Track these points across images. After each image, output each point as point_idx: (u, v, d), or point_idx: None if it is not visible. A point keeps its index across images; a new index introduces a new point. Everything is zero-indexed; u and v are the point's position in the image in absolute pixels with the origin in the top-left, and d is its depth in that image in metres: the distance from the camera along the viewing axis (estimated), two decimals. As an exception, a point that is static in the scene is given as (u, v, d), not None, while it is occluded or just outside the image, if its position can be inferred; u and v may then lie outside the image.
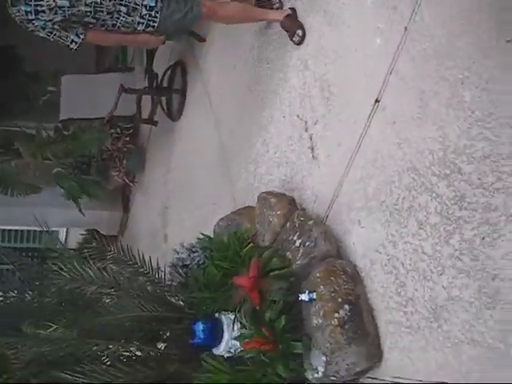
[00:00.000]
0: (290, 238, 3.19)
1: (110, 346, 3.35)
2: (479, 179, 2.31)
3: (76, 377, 3.12)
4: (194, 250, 4.00)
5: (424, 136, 2.61)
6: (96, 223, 7.59)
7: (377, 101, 2.95)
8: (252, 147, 4.25)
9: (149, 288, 3.73)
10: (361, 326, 2.76)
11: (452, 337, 2.39)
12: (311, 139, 3.49)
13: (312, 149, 3.46)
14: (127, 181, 6.88)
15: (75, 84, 5.92)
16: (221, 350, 3.32)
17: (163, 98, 5.97)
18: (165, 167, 6.27)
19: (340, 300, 2.78)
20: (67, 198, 6.48)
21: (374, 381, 2.79)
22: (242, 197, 4.22)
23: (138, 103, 5.68)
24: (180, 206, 5.70)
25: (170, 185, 6.08)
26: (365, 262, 2.91)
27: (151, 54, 5.76)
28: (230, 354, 3.37)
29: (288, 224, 3.28)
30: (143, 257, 3.59)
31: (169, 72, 5.98)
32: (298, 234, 3.15)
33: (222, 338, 3.30)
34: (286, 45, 3.85)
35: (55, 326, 3.36)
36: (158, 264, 3.70)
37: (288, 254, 3.16)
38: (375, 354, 2.74)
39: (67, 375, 3.11)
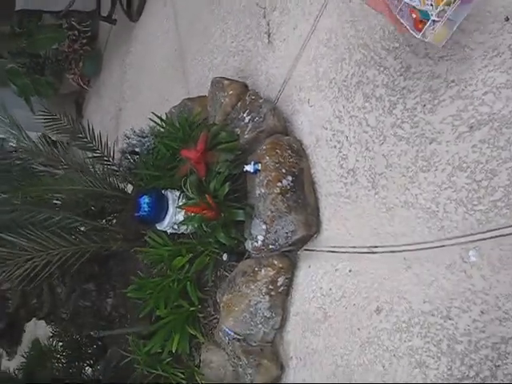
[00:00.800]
0: (240, 116, 3.22)
1: (54, 216, 3.35)
2: (426, 49, 2.36)
3: (19, 240, 3.14)
4: (144, 135, 4.00)
5: (372, 12, 2.63)
6: (49, 127, 7.42)
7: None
8: (209, 38, 4.21)
9: (98, 167, 3.72)
10: (302, 196, 2.84)
11: (388, 202, 2.49)
12: (268, 25, 3.48)
13: (269, 34, 3.46)
14: (82, 84, 6.72)
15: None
16: (165, 224, 3.37)
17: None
18: (121, 69, 6.16)
19: (284, 171, 2.85)
20: (19, 95, 6.30)
21: (312, 252, 2.90)
22: (196, 90, 4.21)
23: (97, -5, 5.50)
24: (134, 107, 5.65)
25: (125, 86, 5.99)
26: (311, 139, 2.98)
27: None
28: (174, 231, 3.43)
29: (239, 104, 3.31)
30: (93, 131, 3.54)
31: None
32: (247, 111, 3.19)
33: (166, 212, 3.35)
34: None
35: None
36: (107, 142, 3.67)
37: (237, 130, 3.19)
38: (313, 224, 2.83)
39: (10, 237, 3.12)
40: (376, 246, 2.54)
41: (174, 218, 3.36)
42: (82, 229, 3.56)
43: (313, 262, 2.89)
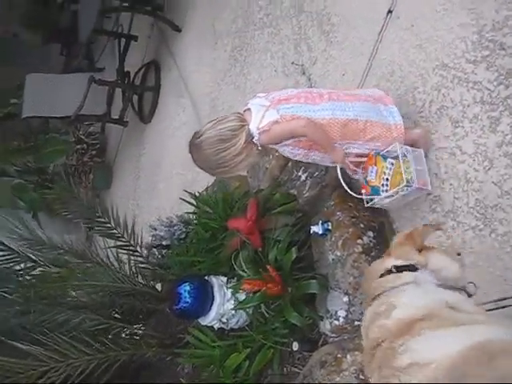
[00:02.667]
0: (294, 176, 2.74)
1: (74, 317, 2.73)
2: (529, 45, 1.92)
3: (31, 347, 2.51)
4: (173, 224, 3.48)
5: (451, 26, 2.25)
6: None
7: (389, 11, 2.59)
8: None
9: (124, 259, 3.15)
10: (388, 254, 2.25)
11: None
12: (310, 80, 3.11)
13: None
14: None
15: (40, 82, 5.43)
16: (211, 317, 2.76)
17: (135, 98, 5.52)
18: (134, 175, 5.77)
19: (362, 226, 2.30)
20: (27, 211, 5.86)
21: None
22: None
23: (108, 98, 5.22)
24: (151, 211, 5.16)
25: (138, 192, 5.56)
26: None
27: (123, 53, 5.37)
28: (222, 325, 2.80)
29: (289, 164, 2.82)
30: (117, 214, 3.01)
31: (142, 71, 5.57)
32: (303, 168, 2.70)
33: (212, 302, 2.75)
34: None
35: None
36: (133, 228, 3.13)
37: (292, 191, 2.67)
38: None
39: (20, 344, 2.50)
40: (505, 298, 1.93)
41: (222, 308, 2.76)
42: (109, 335, 2.91)
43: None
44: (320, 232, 2.41)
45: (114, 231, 3.08)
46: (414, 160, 2.14)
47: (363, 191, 2.19)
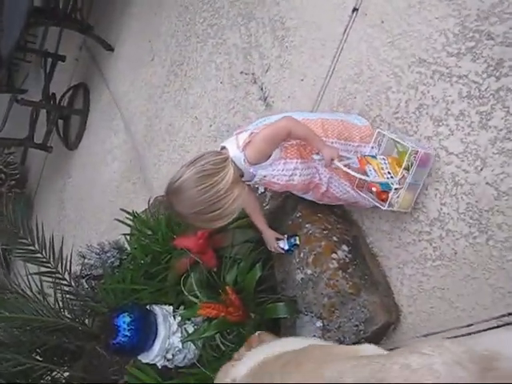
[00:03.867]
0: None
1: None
2: (521, 31, 1.74)
3: None
4: (105, 250, 3.07)
5: (429, 19, 2.04)
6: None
7: (355, 9, 2.38)
8: (177, 133, 3.51)
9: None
10: (367, 271, 1.97)
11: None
12: (262, 89, 2.84)
13: (265, 99, 2.81)
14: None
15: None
16: (153, 354, 2.36)
17: (60, 123, 5.08)
18: (58, 205, 5.27)
19: (335, 239, 2.00)
20: None
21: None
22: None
23: (31, 121, 4.75)
24: (77, 242, 4.67)
25: (63, 223, 5.06)
26: (357, 198, 2.17)
27: (49, 73, 4.95)
28: (167, 362, 2.41)
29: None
30: (42, 235, 2.56)
31: (69, 93, 5.15)
32: (261, 179, 2.37)
33: (155, 335, 2.35)
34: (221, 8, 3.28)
35: None
36: (61, 253, 2.68)
37: (250, 203, 2.34)
38: (391, 307, 1.93)
39: None
40: (510, 314, 1.67)
41: (166, 342, 2.36)
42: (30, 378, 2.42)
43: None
44: (286, 248, 2.09)
45: (39, 255, 2.61)
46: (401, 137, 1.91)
47: (373, 189, 1.90)
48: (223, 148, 1.83)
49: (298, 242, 2.07)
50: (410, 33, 2.12)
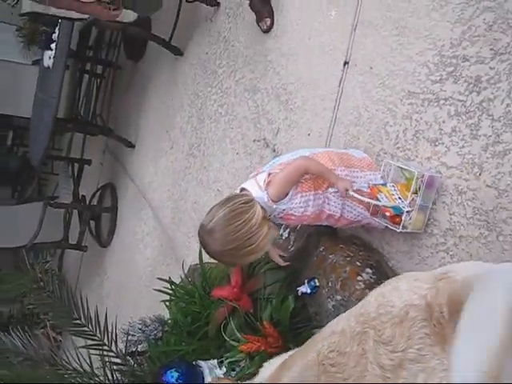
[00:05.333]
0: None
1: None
2: (492, 49, 1.96)
3: None
4: (147, 323, 3.20)
5: (410, 56, 2.29)
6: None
7: (345, 63, 2.65)
8: (202, 209, 3.72)
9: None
10: (392, 288, 2.08)
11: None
12: (274, 150, 3.07)
13: (278, 158, 3.01)
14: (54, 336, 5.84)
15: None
16: (204, 407, 2.42)
17: (92, 223, 5.36)
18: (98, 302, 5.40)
19: (359, 264, 2.14)
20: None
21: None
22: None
23: (65, 223, 5.04)
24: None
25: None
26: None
27: (77, 177, 5.31)
28: (218, 414, 2.47)
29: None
30: (88, 310, 2.72)
31: (98, 194, 5.47)
32: (283, 226, 2.56)
33: (204, 388, 2.44)
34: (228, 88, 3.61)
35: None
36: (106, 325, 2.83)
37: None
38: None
39: None
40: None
41: (215, 393, 2.43)
42: None
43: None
44: (308, 291, 2.23)
45: (85, 328, 2.76)
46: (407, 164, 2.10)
47: (387, 214, 2.04)
48: (243, 189, 2.03)
49: (318, 284, 2.21)
50: (396, 72, 2.35)
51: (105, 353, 2.78)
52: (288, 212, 2.04)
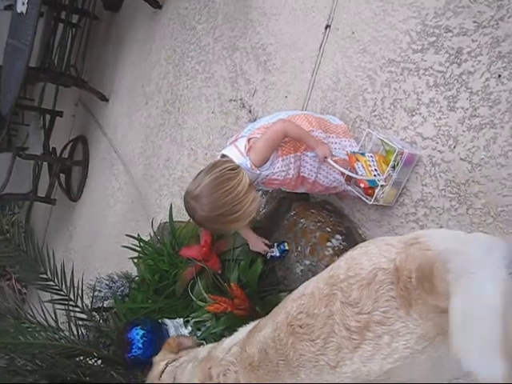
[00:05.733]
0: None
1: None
2: (475, 21, 1.93)
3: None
4: (114, 280, 3.19)
5: (393, 24, 2.25)
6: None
7: (327, 26, 2.60)
8: (175, 166, 3.68)
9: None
10: (361, 255, 2.09)
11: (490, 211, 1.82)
12: (250, 112, 3.03)
13: (254, 120, 2.98)
14: (20, 288, 5.79)
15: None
16: (168, 364, 2.42)
17: (62, 177, 5.27)
18: (65, 257, 5.37)
19: (329, 229, 2.14)
20: None
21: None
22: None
23: (34, 175, 4.95)
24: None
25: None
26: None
27: (48, 128, 5.18)
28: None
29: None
30: (54, 265, 2.69)
31: (69, 147, 5.37)
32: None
33: (169, 346, 2.43)
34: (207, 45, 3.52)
35: None
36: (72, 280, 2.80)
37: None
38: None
39: None
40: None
41: (180, 352, 2.44)
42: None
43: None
44: (278, 255, 2.23)
45: (51, 283, 2.73)
46: (389, 138, 2.08)
47: (361, 185, 2.04)
48: (223, 156, 2.00)
49: (287, 248, 2.21)
50: (378, 38, 2.32)
51: (70, 308, 2.74)
52: (271, 177, 2.02)
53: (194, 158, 3.51)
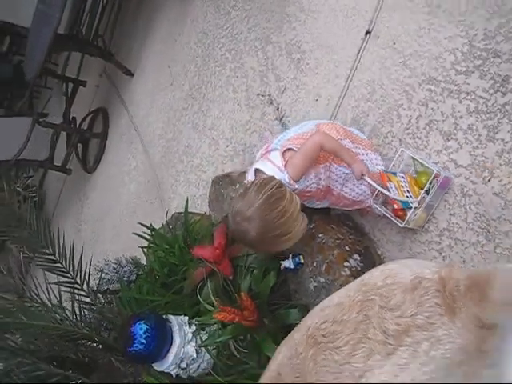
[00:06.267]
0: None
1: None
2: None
3: None
4: (122, 264, 3.14)
5: (438, 40, 2.15)
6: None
7: (368, 32, 2.49)
8: (194, 154, 3.61)
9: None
10: (378, 279, 2.02)
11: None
12: (278, 109, 2.93)
13: (281, 118, 2.90)
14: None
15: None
16: (168, 362, 2.40)
17: (79, 146, 5.22)
18: (75, 229, 5.35)
19: (347, 248, 2.07)
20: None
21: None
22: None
23: (51, 143, 4.90)
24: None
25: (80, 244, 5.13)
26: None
27: (70, 97, 5.11)
28: (181, 371, 2.45)
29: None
30: (63, 246, 2.64)
31: (89, 118, 5.31)
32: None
33: (170, 344, 2.41)
34: (239, 33, 3.42)
35: None
36: (81, 264, 2.76)
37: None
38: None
39: None
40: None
41: (181, 351, 2.41)
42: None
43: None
44: (292, 267, 2.17)
45: (59, 265, 2.69)
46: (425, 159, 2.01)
47: (394, 206, 1.96)
48: (257, 170, 1.94)
49: (302, 261, 2.15)
50: (420, 53, 2.22)
51: (75, 292, 2.71)
52: (305, 189, 1.97)
53: (214, 149, 3.44)
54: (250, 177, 1.96)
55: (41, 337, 2.48)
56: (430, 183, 1.91)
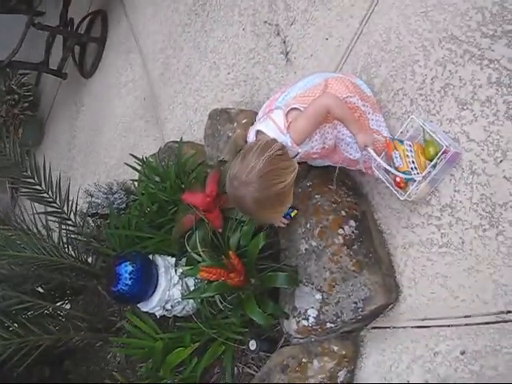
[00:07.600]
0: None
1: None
2: None
3: None
4: (112, 191, 3.06)
5: (467, -7, 1.92)
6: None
7: (389, -29, 2.24)
8: (194, 76, 3.42)
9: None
10: (372, 248, 1.96)
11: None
12: (285, 43, 2.73)
13: (286, 53, 2.71)
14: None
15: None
16: (153, 304, 2.39)
17: (77, 49, 4.98)
18: (69, 133, 5.24)
19: (344, 213, 1.97)
20: None
21: (385, 331, 1.98)
22: (176, 138, 3.31)
23: (47, 46, 4.65)
24: (86, 174, 4.68)
25: (73, 152, 5.05)
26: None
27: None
28: (165, 312, 2.44)
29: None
30: (49, 176, 2.55)
31: (87, 20, 5.01)
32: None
33: (156, 286, 2.38)
34: None
35: None
36: (68, 194, 2.68)
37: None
38: (392, 288, 1.93)
39: None
40: (509, 311, 1.67)
41: (167, 293, 2.39)
42: (31, 314, 2.48)
43: (389, 344, 1.96)
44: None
45: (45, 195, 2.61)
46: (435, 131, 1.85)
47: (397, 179, 1.85)
48: (259, 132, 1.80)
49: (293, 215, 2.07)
50: (445, 6, 2.02)
51: (63, 221, 2.65)
52: (309, 151, 1.85)
53: (215, 74, 3.25)
54: (251, 138, 1.83)
55: (26, 267, 2.44)
56: (438, 158, 1.79)
